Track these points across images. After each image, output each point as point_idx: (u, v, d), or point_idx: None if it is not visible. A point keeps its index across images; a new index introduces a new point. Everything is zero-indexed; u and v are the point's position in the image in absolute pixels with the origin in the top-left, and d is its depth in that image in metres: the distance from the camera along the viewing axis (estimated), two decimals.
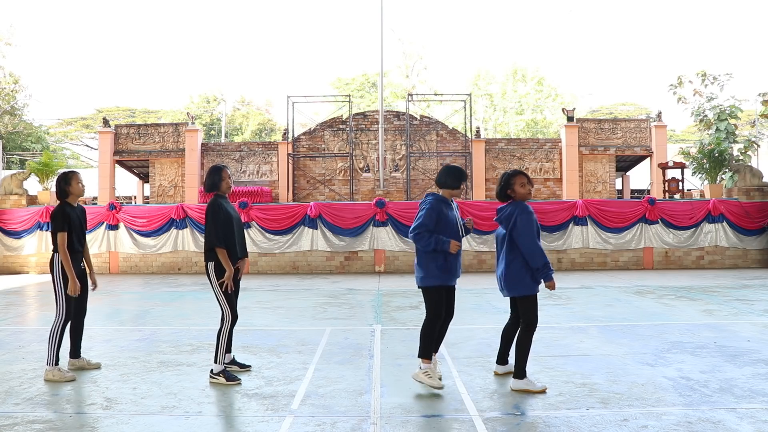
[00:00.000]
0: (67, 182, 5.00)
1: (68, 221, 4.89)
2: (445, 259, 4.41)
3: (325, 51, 73.74)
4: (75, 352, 5.16)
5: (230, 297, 4.74)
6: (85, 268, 5.15)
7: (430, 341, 4.45)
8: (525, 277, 4.39)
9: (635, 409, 3.98)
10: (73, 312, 5.02)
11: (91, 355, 5.51)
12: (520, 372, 4.39)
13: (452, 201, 4.62)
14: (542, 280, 4.37)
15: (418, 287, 4.53)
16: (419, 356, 4.47)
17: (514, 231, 4.38)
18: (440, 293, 4.47)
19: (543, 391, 4.33)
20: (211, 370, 4.70)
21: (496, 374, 4.87)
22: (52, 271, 4.91)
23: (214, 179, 4.85)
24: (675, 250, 14.11)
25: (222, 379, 4.61)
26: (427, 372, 4.37)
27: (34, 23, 74.01)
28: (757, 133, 25.73)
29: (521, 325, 4.48)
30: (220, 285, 4.68)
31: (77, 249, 5.00)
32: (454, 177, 4.55)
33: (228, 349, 4.98)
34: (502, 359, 4.89)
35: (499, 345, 4.92)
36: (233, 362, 5.04)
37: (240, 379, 4.68)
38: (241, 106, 48.62)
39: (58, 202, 5.05)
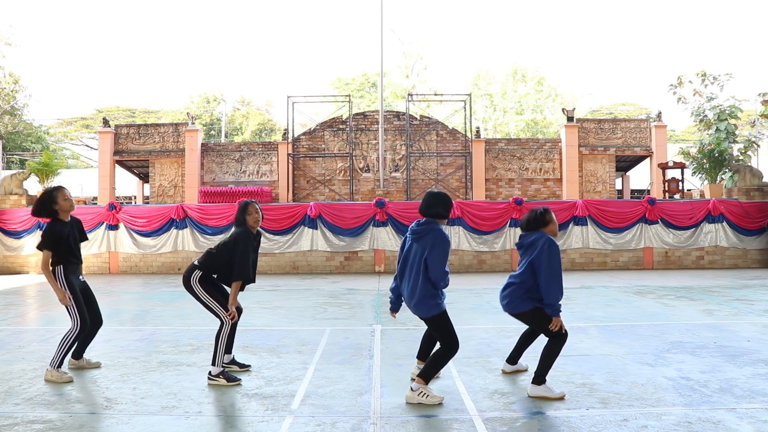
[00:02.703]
0: (52, 201, 4.86)
1: (56, 240, 4.80)
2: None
3: (325, 51, 73.79)
4: (78, 354, 5.17)
5: (221, 301, 4.74)
6: (85, 281, 5.15)
7: (439, 370, 4.23)
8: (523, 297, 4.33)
9: (635, 409, 3.98)
10: (98, 317, 5.14)
11: (91, 355, 5.50)
12: (539, 378, 4.24)
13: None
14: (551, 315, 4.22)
15: (430, 317, 4.17)
16: (420, 376, 4.17)
17: (537, 260, 4.25)
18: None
19: (562, 398, 4.18)
20: (210, 372, 4.69)
21: (504, 372, 4.85)
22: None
23: (240, 216, 4.84)
24: (675, 250, 14.11)
25: (222, 380, 4.61)
26: (422, 392, 4.12)
27: (34, 23, 74.04)
28: (757, 133, 25.72)
29: (550, 338, 4.29)
30: (212, 296, 4.72)
31: (72, 261, 4.91)
32: (446, 206, 4.29)
33: (228, 351, 5.00)
34: (512, 360, 4.86)
35: (514, 346, 4.86)
36: (233, 362, 5.05)
37: (240, 380, 4.69)
38: (241, 106, 48.63)
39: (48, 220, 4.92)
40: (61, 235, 4.83)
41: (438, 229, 4.19)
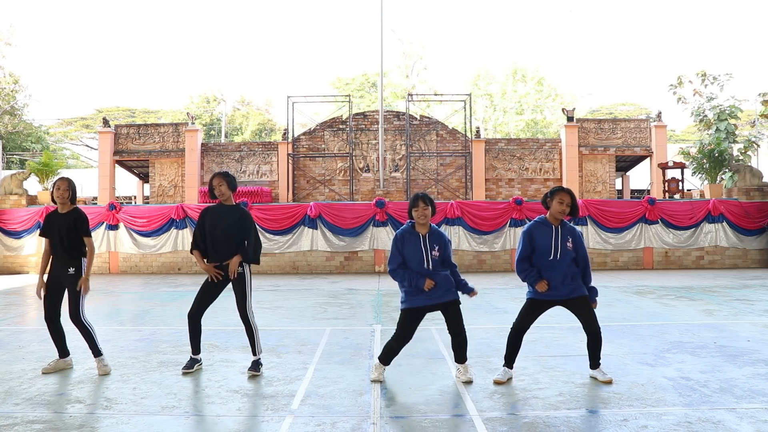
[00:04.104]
0: (53, 189, 5.10)
1: (42, 229, 5.10)
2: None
3: (325, 51, 73.78)
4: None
5: (199, 292, 5.02)
6: (73, 273, 4.95)
7: (385, 354, 4.70)
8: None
9: (635, 409, 3.98)
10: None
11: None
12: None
13: (431, 234, 4.60)
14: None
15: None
16: (378, 357, 4.77)
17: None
18: (411, 314, 4.56)
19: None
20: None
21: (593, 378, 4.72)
22: None
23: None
24: (675, 250, 14.11)
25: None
26: (374, 368, 4.75)
27: (34, 23, 74.04)
28: (757, 133, 25.71)
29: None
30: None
31: (55, 254, 5.00)
32: (410, 204, 4.61)
33: (191, 348, 5.08)
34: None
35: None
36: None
37: (187, 372, 4.96)
38: (241, 106, 48.60)
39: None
40: (46, 224, 5.04)
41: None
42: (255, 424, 3.79)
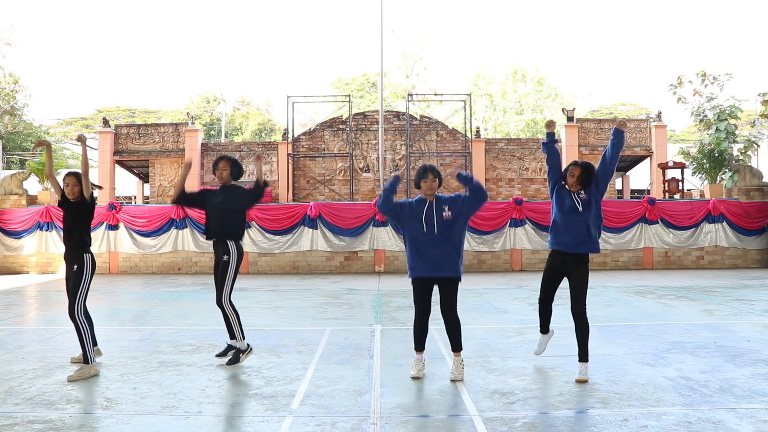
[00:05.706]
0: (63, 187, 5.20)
1: (60, 202, 5.21)
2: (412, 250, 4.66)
3: (325, 51, 73.72)
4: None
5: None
6: (76, 271, 5.07)
7: (414, 337, 4.79)
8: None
9: (635, 409, 3.98)
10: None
11: None
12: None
13: (438, 199, 4.67)
14: None
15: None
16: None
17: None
18: (415, 285, 4.69)
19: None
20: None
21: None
22: None
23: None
24: (675, 250, 14.11)
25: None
26: (413, 362, 4.82)
27: (34, 23, 74.01)
28: (757, 133, 25.69)
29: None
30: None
31: (64, 243, 5.19)
32: (416, 176, 4.75)
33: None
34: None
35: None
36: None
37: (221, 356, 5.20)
38: (241, 106, 48.60)
39: None
40: (63, 202, 5.16)
41: None
42: (255, 424, 3.79)
